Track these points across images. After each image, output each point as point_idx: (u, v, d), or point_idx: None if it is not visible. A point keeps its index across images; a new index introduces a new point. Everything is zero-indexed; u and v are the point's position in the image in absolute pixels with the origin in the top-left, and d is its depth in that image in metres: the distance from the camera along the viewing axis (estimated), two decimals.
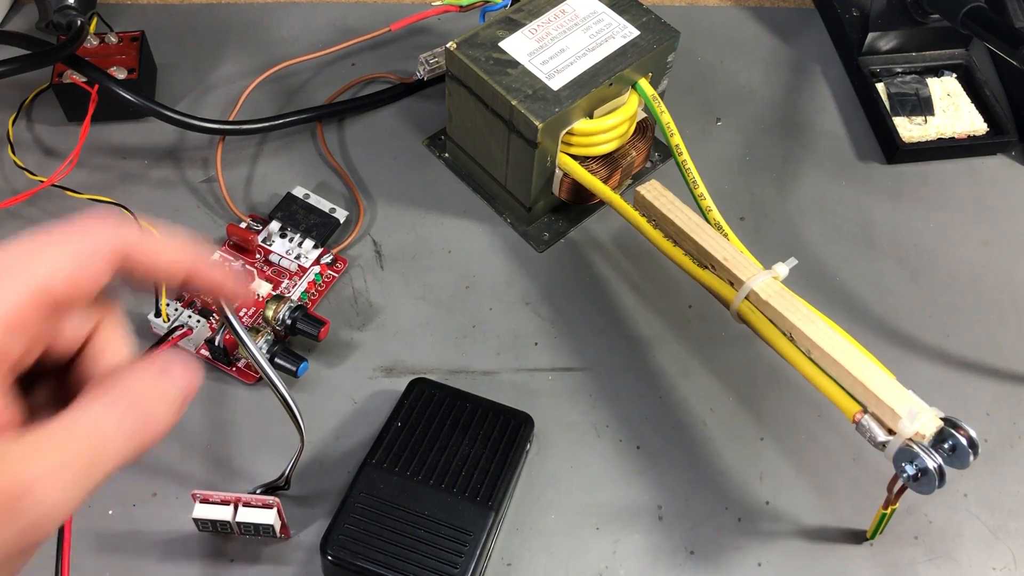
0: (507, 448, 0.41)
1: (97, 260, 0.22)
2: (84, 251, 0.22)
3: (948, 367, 0.48)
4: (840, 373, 0.38)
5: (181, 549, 0.41)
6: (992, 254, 0.53)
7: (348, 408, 0.45)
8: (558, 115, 0.45)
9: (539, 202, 0.51)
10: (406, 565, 0.38)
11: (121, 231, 0.23)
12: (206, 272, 0.25)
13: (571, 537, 0.42)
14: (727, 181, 0.55)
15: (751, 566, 0.42)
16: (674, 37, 0.49)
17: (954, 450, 0.35)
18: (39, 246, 0.22)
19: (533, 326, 0.49)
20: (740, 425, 0.46)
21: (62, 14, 0.51)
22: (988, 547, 0.43)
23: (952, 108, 0.57)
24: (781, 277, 0.42)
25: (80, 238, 0.22)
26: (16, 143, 0.53)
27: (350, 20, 0.61)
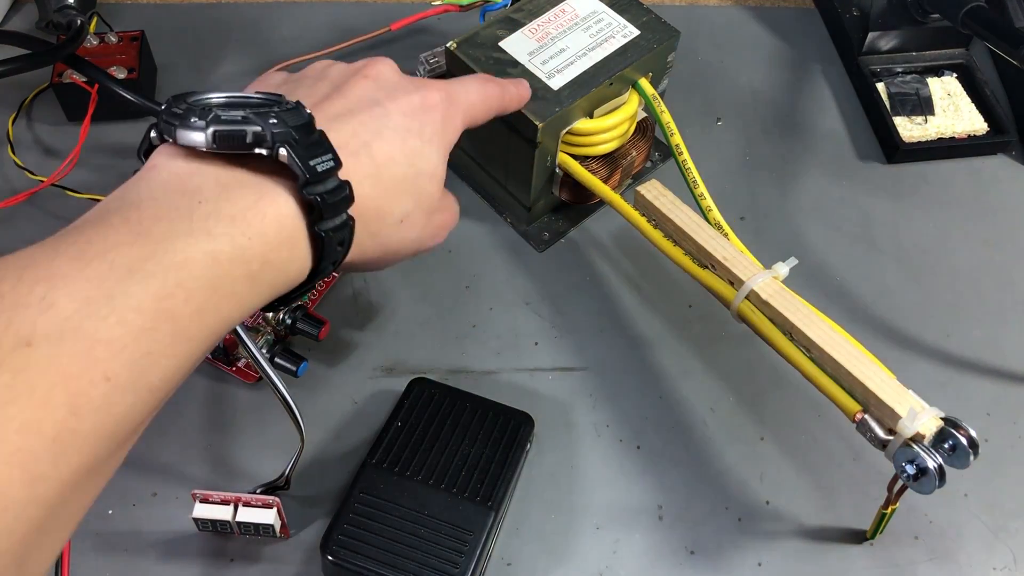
0: (507, 448, 0.41)
1: (493, 109, 0.40)
2: (491, 107, 0.40)
3: (948, 367, 0.48)
4: (840, 373, 0.38)
5: (181, 549, 0.41)
6: (992, 254, 0.53)
7: (348, 408, 0.45)
8: (558, 115, 0.45)
9: (539, 202, 0.51)
10: (406, 565, 0.38)
11: (504, 99, 0.41)
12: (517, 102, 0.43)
13: (571, 537, 0.42)
14: (727, 181, 0.55)
15: (751, 566, 0.42)
16: (674, 37, 0.49)
17: (954, 450, 0.35)
18: (473, 98, 0.38)
19: (533, 326, 0.49)
20: (740, 425, 0.46)
21: (62, 14, 0.52)
22: (988, 547, 0.42)
23: (952, 108, 0.57)
24: (781, 277, 0.42)
25: (493, 100, 0.40)
26: (16, 143, 0.53)
27: (350, 20, 0.61)
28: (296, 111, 0.30)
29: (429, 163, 0.35)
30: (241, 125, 0.29)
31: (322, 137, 0.30)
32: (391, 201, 0.33)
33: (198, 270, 0.27)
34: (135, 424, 0.26)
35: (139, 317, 0.25)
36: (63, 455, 0.23)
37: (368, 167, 0.32)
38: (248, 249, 0.28)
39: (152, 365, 0.25)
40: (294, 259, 0.30)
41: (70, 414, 0.23)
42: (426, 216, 0.35)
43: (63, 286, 0.24)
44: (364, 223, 0.32)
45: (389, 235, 0.34)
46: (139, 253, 0.26)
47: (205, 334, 0.27)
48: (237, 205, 0.28)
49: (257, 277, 0.29)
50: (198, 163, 0.29)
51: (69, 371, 0.23)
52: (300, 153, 0.29)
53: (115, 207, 0.28)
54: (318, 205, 0.29)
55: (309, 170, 0.29)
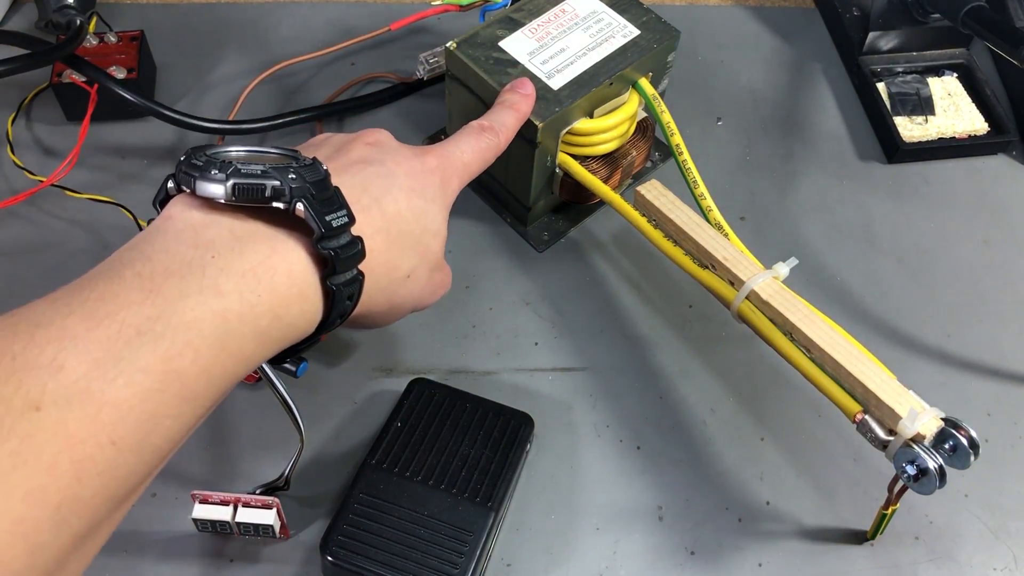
0: (507, 448, 0.41)
1: (490, 160, 0.41)
2: (488, 159, 0.41)
3: (948, 367, 0.48)
4: (841, 373, 0.38)
5: (181, 549, 0.41)
6: (993, 254, 0.53)
7: (348, 408, 0.45)
8: (558, 115, 0.45)
9: (539, 202, 0.51)
10: (406, 565, 0.38)
11: (501, 142, 0.41)
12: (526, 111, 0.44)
13: (571, 537, 0.42)
14: (727, 181, 0.55)
15: (751, 566, 0.42)
16: (674, 36, 0.49)
17: (955, 450, 0.35)
18: (467, 158, 0.40)
19: (533, 326, 0.48)
20: (740, 425, 0.46)
21: (61, 13, 0.51)
22: (989, 547, 0.42)
23: (953, 108, 0.57)
24: (781, 277, 0.42)
25: (488, 152, 0.41)
26: (15, 143, 0.53)
27: (350, 20, 0.61)
28: (313, 167, 0.31)
29: (434, 222, 0.36)
30: (261, 179, 0.29)
31: (337, 193, 0.31)
32: (399, 256, 0.34)
33: (207, 329, 0.27)
34: (136, 484, 0.26)
35: (147, 378, 0.25)
36: (65, 522, 0.23)
37: (379, 222, 0.33)
38: (257, 306, 0.29)
39: (157, 426, 0.26)
40: (303, 313, 0.30)
41: (74, 480, 0.23)
42: (428, 273, 0.37)
43: (72, 347, 0.25)
44: (374, 277, 0.33)
45: (396, 290, 0.35)
46: (149, 312, 0.26)
47: (210, 393, 0.28)
48: (249, 261, 0.29)
49: (266, 333, 0.29)
50: (214, 215, 0.30)
51: (76, 436, 0.24)
52: (316, 208, 0.30)
53: (128, 259, 0.28)
54: (332, 259, 0.30)
55: (325, 225, 0.30)
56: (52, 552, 0.23)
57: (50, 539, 0.23)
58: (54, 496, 0.23)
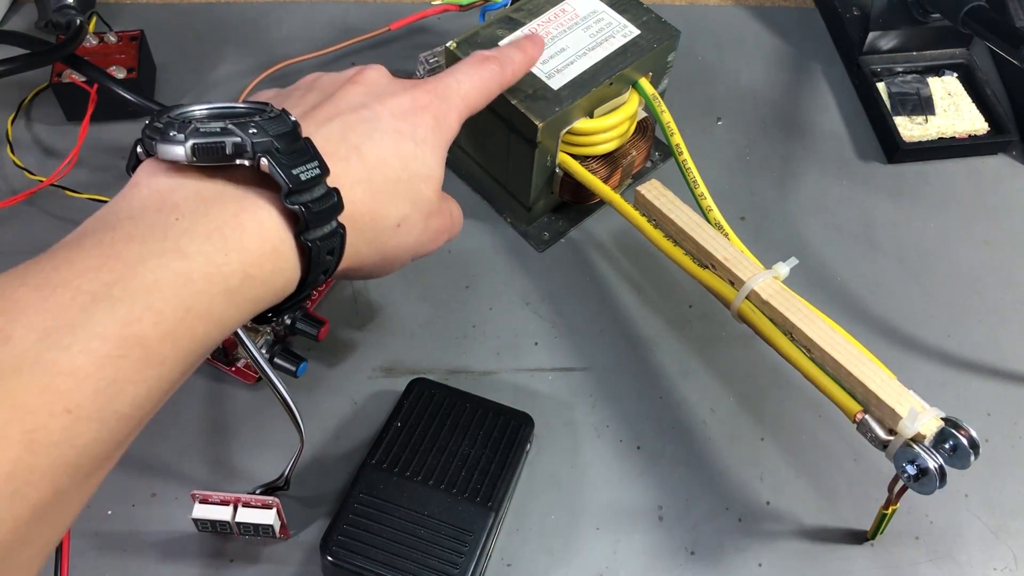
0: (507, 448, 0.41)
1: (494, 91, 0.40)
2: (491, 90, 0.39)
3: (949, 367, 0.48)
4: (841, 373, 0.38)
5: (180, 549, 0.41)
6: (993, 254, 0.53)
7: (348, 408, 0.45)
8: (558, 114, 0.45)
9: (539, 202, 0.51)
10: (406, 565, 0.38)
11: (505, 74, 0.40)
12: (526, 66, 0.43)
13: (571, 537, 0.42)
14: (727, 181, 0.55)
15: (752, 566, 0.42)
16: (674, 36, 0.49)
17: (955, 450, 0.35)
18: (465, 88, 0.38)
19: (533, 326, 0.48)
20: (740, 425, 0.46)
21: (61, 13, 0.51)
22: (989, 547, 0.42)
23: (953, 108, 0.57)
24: (782, 277, 0.42)
25: (491, 81, 0.39)
26: (15, 143, 0.53)
27: (350, 20, 0.61)
28: (279, 119, 0.30)
29: (424, 165, 0.34)
30: (220, 137, 0.28)
31: (307, 144, 0.30)
32: (386, 205, 0.33)
33: (169, 291, 0.26)
34: (104, 453, 0.25)
35: (104, 344, 0.25)
36: (18, 493, 0.23)
37: (359, 172, 0.32)
38: (224, 265, 0.28)
39: (120, 393, 0.25)
40: (279, 271, 0.29)
41: (26, 450, 0.23)
42: (423, 220, 0.35)
43: (22, 317, 0.24)
44: (358, 230, 0.32)
45: (386, 241, 0.34)
46: (106, 278, 0.25)
47: (180, 355, 0.27)
48: (214, 220, 0.28)
49: (237, 293, 0.28)
50: (179, 178, 0.29)
51: (25, 405, 0.23)
52: (283, 162, 0.28)
53: (91, 229, 0.27)
54: (303, 215, 0.29)
55: (292, 179, 0.28)
56: (7, 523, 0.23)
57: (2, 509, 0.22)
58: (4, 467, 0.22)
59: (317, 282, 0.31)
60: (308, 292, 0.31)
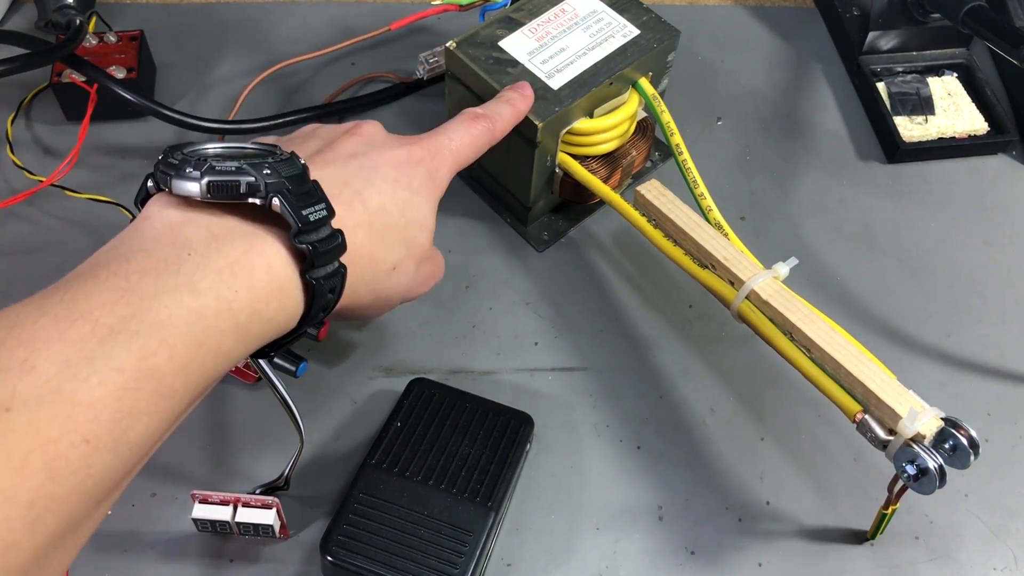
0: (507, 448, 0.41)
1: (483, 146, 0.41)
2: (482, 147, 0.41)
3: (949, 367, 0.48)
4: (841, 373, 0.38)
5: (180, 549, 0.41)
6: (993, 254, 0.53)
7: (348, 408, 0.45)
8: (558, 114, 0.45)
9: (539, 202, 0.51)
10: (406, 565, 0.38)
11: (495, 131, 0.41)
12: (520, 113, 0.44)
13: (571, 537, 0.42)
14: (727, 180, 0.55)
15: (751, 566, 0.42)
16: (674, 36, 0.49)
17: (955, 450, 0.35)
18: (456, 145, 0.39)
19: (533, 326, 0.48)
20: (740, 425, 0.46)
21: (61, 13, 0.51)
22: (989, 547, 0.42)
23: (953, 107, 0.57)
24: (781, 277, 0.42)
25: (481, 139, 0.40)
26: (15, 142, 0.53)
27: (350, 20, 0.61)
28: (290, 162, 0.31)
29: (419, 214, 0.36)
30: (235, 175, 0.29)
31: (315, 187, 0.31)
32: (384, 249, 0.35)
33: (182, 327, 0.27)
34: (115, 482, 0.26)
35: (121, 377, 0.25)
36: (39, 521, 0.23)
37: (361, 215, 0.33)
38: (235, 302, 0.28)
39: (134, 423, 0.26)
40: (283, 308, 0.30)
41: (48, 479, 0.23)
42: (416, 265, 0.37)
43: (44, 349, 0.25)
44: (358, 271, 0.33)
45: (381, 282, 0.35)
46: (123, 312, 0.26)
47: (189, 389, 0.28)
48: (226, 257, 0.29)
49: (244, 329, 0.29)
50: (191, 213, 0.30)
51: (48, 435, 0.24)
52: (293, 203, 0.30)
53: (105, 260, 0.28)
54: (310, 253, 0.30)
55: (302, 219, 0.30)
56: (27, 550, 0.23)
57: (24, 538, 0.23)
58: (26, 495, 0.23)
59: (316, 319, 0.32)
60: (305, 329, 0.32)
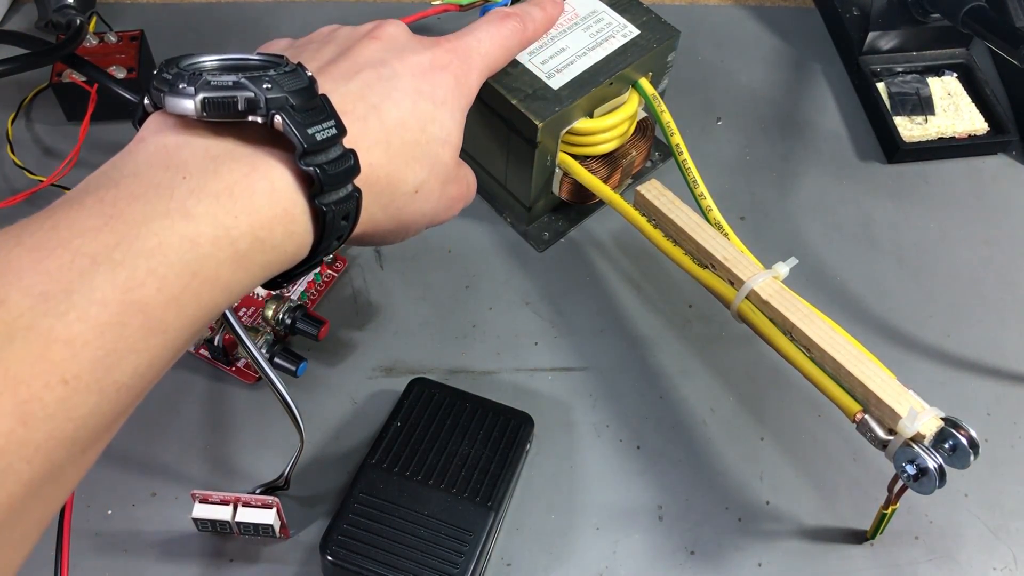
0: (507, 448, 0.41)
1: (515, 49, 0.40)
2: (512, 49, 0.40)
3: (948, 367, 0.48)
4: (840, 373, 0.38)
5: (180, 549, 0.41)
6: (993, 254, 0.53)
7: (348, 408, 0.45)
8: (558, 114, 0.45)
9: (539, 202, 0.51)
10: (406, 565, 0.38)
11: (527, 32, 0.40)
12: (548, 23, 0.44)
13: (571, 537, 0.42)
14: (727, 181, 0.55)
15: (751, 566, 0.42)
16: (674, 36, 0.49)
17: (955, 450, 0.35)
18: (486, 47, 0.38)
19: (533, 326, 0.48)
20: (740, 425, 0.46)
21: (61, 13, 0.51)
22: (989, 547, 0.42)
23: (953, 107, 0.57)
24: (781, 277, 0.42)
25: (512, 39, 0.39)
26: (15, 142, 0.53)
27: (350, 20, 0.61)
28: (295, 74, 0.28)
29: (443, 128, 0.33)
30: (232, 91, 0.26)
31: (324, 102, 0.28)
32: (403, 169, 0.32)
33: (173, 255, 0.25)
34: (102, 425, 0.24)
35: (104, 311, 0.23)
36: (10, 468, 0.21)
37: (377, 133, 0.31)
38: (233, 228, 0.26)
39: (120, 362, 0.24)
40: (290, 235, 0.28)
41: (19, 423, 0.22)
42: (441, 186, 0.34)
43: (16, 281, 0.22)
44: (375, 194, 0.30)
45: (402, 206, 0.32)
46: (107, 239, 0.24)
47: (184, 323, 0.25)
48: (224, 180, 0.26)
49: (246, 258, 0.27)
50: (187, 134, 0.27)
51: (18, 376, 0.22)
52: (298, 120, 0.27)
53: (94, 186, 0.26)
54: (318, 177, 0.27)
55: (307, 139, 0.27)
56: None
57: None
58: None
59: (330, 248, 0.30)
60: (320, 258, 0.30)
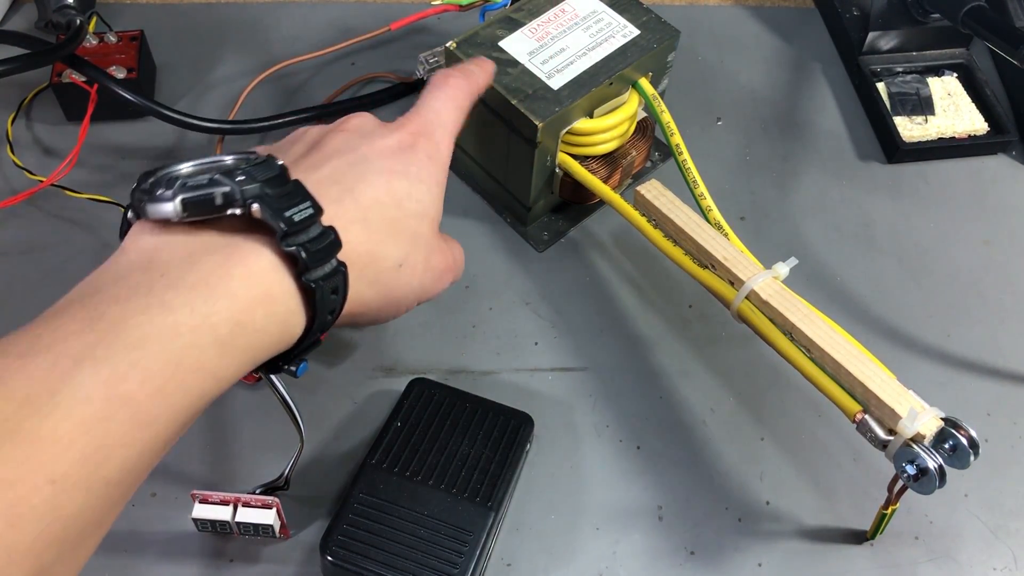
0: (507, 448, 0.41)
1: (467, 107, 0.40)
2: (466, 107, 0.40)
3: (948, 367, 0.48)
4: (841, 373, 0.38)
5: (180, 549, 0.41)
6: (993, 254, 0.53)
7: (348, 408, 0.45)
8: (558, 114, 0.45)
9: (539, 202, 0.51)
10: (406, 565, 0.38)
11: (472, 85, 0.40)
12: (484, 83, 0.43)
13: (571, 537, 0.42)
14: (727, 181, 0.55)
15: (751, 566, 0.42)
16: (674, 36, 0.49)
17: (955, 450, 0.35)
18: (444, 116, 0.38)
19: (533, 326, 0.48)
20: (740, 425, 0.46)
21: (61, 13, 0.51)
22: (989, 547, 0.42)
23: (953, 108, 0.57)
24: (781, 277, 0.42)
25: (460, 99, 0.39)
26: (15, 142, 0.53)
27: (350, 20, 0.61)
28: (267, 164, 0.29)
29: (419, 203, 0.34)
30: (209, 188, 0.28)
31: (297, 186, 0.29)
32: (384, 245, 0.33)
33: (155, 347, 0.25)
34: (93, 521, 0.24)
35: (88, 408, 0.23)
36: (1, 572, 0.22)
37: (354, 212, 0.31)
38: (212, 315, 0.27)
39: (108, 458, 0.24)
40: (274, 316, 0.28)
41: (7, 527, 0.22)
42: (424, 259, 0.35)
43: (1, 387, 0.23)
44: (359, 269, 0.31)
45: (388, 282, 0.33)
46: (89, 339, 0.24)
47: (171, 414, 0.26)
48: (200, 271, 0.27)
49: (229, 343, 0.27)
50: (166, 236, 0.28)
51: (6, 478, 0.22)
52: (274, 205, 0.28)
53: (78, 295, 0.27)
54: (300, 256, 0.28)
55: (286, 221, 0.28)
56: None
57: None
58: None
59: (326, 324, 0.30)
60: (317, 337, 0.30)
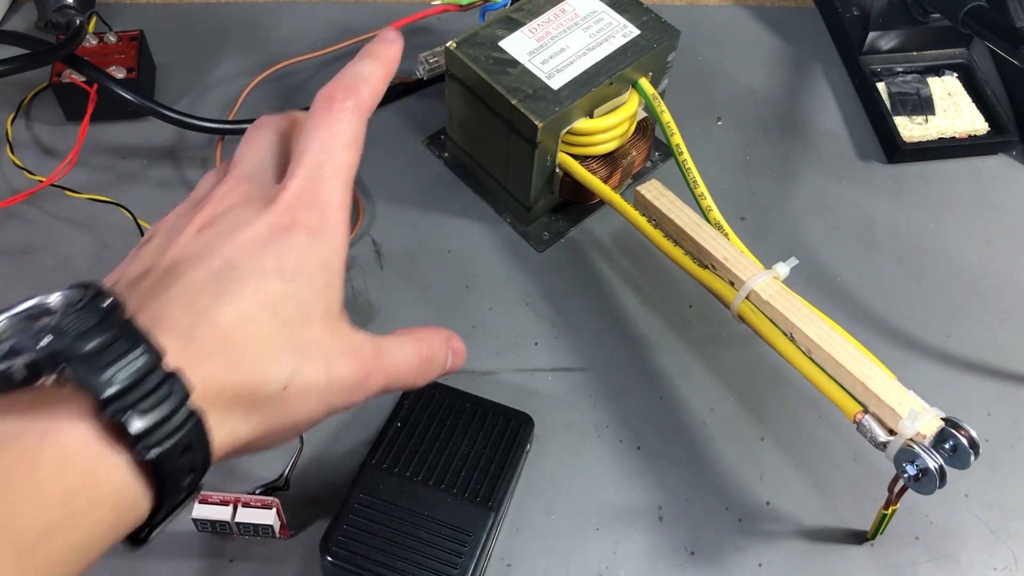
0: (507, 448, 0.41)
1: (363, 133, 0.32)
2: (361, 134, 0.31)
3: (949, 367, 0.48)
4: (841, 373, 0.38)
5: (181, 549, 0.41)
6: (993, 254, 0.53)
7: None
8: (558, 114, 0.45)
9: (539, 202, 0.51)
10: (406, 565, 0.38)
11: (363, 105, 0.32)
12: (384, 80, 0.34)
13: (571, 537, 0.42)
14: (727, 181, 0.55)
15: (751, 566, 0.42)
16: (674, 36, 0.49)
17: (955, 450, 0.35)
18: (337, 162, 0.30)
19: (533, 326, 0.48)
20: (740, 425, 0.46)
21: (61, 13, 0.52)
22: (989, 547, 0.42)
23: (953, 107, 0.57)
24: (781, 277, 0.42)
25: (356, 132, 0.31)
26: (15, 142, 0.53)
27: (350, 20, 0.61)
28: (87, 309, 0.24)
29: (301, 304, 0.28)
30: (7, 360, 0.23)
31: (126, 330, 0.24)
32: (258, 369, 0.27)
33: None
34: None
35: None
36: None
37: (211, 341, 0.26)
38: (10, 524, 0.22)
39: None
40: (103, 500, 0.24)
41: None
42: (322, 369, 0.28)
43: None
44: (224, 408, 0.26)
45: (271, 409, 0.27)
46: None
47: None
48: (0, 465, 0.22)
49: (37, 551, 0.22)
50: None
51: None
52: (87, 368, 0.23)
53: None
54: (124, 426, 0.23)
55: (105, 385, 0.23)
56: None
57: None
58: None
59: (181, 486, 0.25)
60: (183, 500, 0.26)
